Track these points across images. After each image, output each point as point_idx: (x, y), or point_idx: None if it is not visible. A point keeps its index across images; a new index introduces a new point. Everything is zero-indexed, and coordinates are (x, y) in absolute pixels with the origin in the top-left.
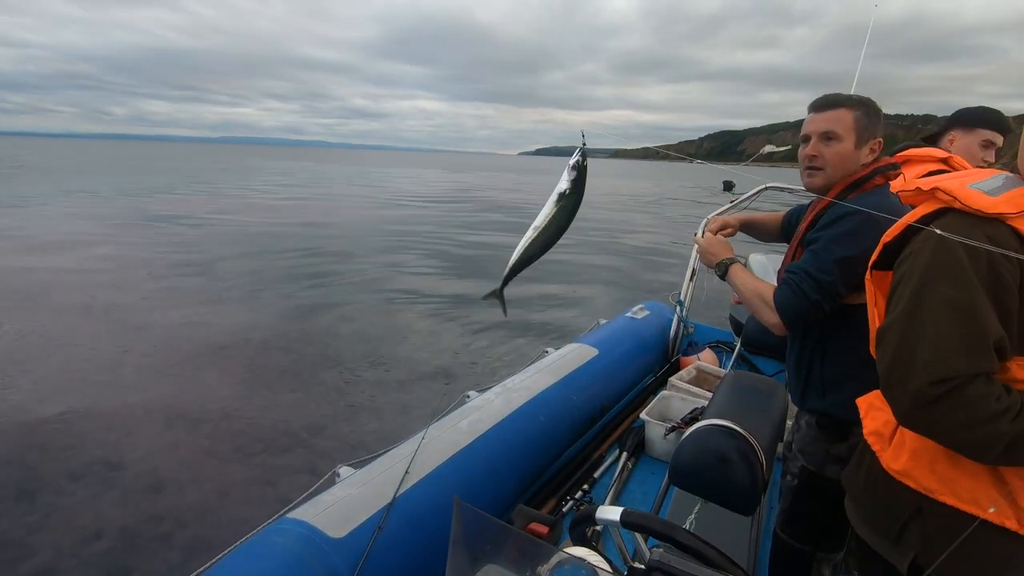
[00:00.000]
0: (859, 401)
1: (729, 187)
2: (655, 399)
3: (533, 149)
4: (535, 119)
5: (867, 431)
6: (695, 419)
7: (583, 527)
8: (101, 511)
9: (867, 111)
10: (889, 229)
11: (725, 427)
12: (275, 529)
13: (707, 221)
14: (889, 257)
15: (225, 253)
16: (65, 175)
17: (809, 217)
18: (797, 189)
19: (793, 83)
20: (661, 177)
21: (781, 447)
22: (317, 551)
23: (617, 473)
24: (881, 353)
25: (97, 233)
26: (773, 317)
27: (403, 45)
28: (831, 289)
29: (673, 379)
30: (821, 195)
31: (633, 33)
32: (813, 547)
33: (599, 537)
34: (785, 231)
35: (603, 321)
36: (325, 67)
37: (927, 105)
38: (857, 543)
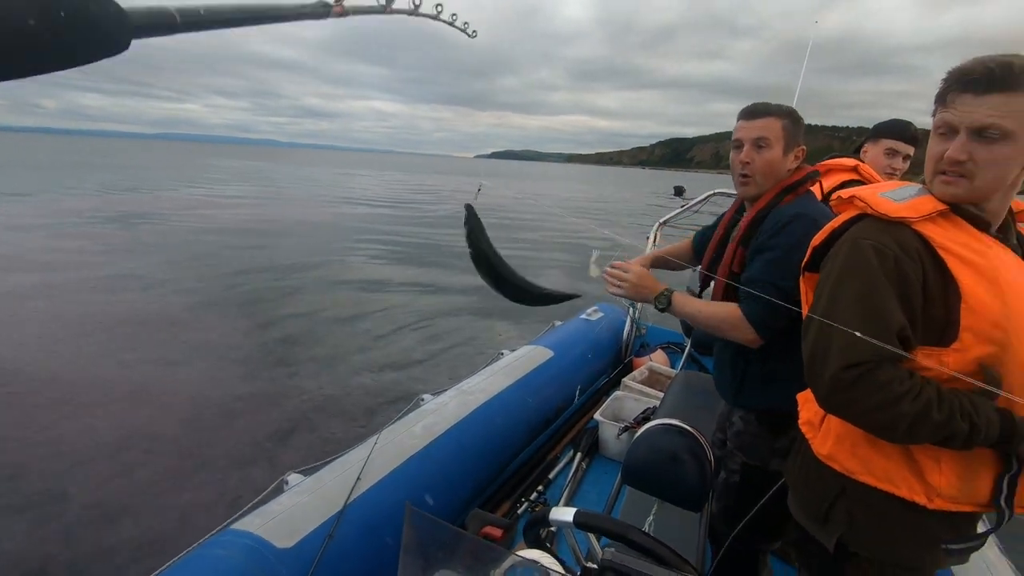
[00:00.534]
0: (799, 396)
1: (680, 192)
2: (608, 400)
3: (489, 152)
4: (491, 122)
5: (801, 421)
6: (647, 419)
7: (537, 529)
8: (34, 529)
9: (792, 120)
10: (817, 234)
11: (675, 426)
12: (217, 541)
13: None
14: (817, 259)
15: (163, 258)
16: None
17: (745, 222)
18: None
19: (740, 93)
20: (616, 181)
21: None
22: (263, 562)
23: (572, 474)
24: (804, 344)
25: (22, 233)
26: (749, 334)
27: (360, 45)
28: (794, 295)
29: (626, 380)
30: (753, 203)
31: (588, 41)
32: (760, 541)
33: (554, 538)
34: (698, 252)
35: (558, 323)
36: (278, 65)
37: (862, 118)
38: (796, 529)
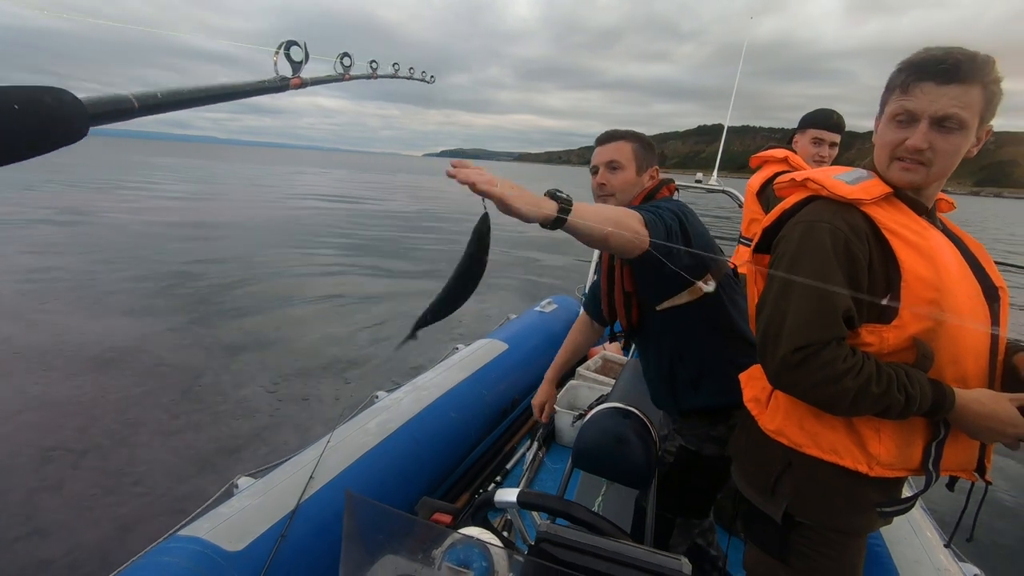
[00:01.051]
0: (741, 376)
1: None
2: (564, 389)
3: (438, 151)
4: (440, 120)
5: (747, 398)
6: None
7: (483, 512)
8: None
9: (642, 144)
10: (766, 217)
11: (621, 409)
12: (163, 549)
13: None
14: (768, 240)
15: (96, 257)
16: None
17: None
18: (691, 185)
19: (683, 95)
20: (566, 181)
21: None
22: (212, 567)
23: (528, 463)
24: (757, 325)
25: None
26: (640, 229)
27: (301, 37)
28: (678, 232)
29: (581, 369)
30: None
31: (534, 40)
32: (676, 514)
33: (511, 526)
34: (597, 310)
35: (512, 316)
36: (213, 58)
37: (794, 120)
38: (744, 504)
